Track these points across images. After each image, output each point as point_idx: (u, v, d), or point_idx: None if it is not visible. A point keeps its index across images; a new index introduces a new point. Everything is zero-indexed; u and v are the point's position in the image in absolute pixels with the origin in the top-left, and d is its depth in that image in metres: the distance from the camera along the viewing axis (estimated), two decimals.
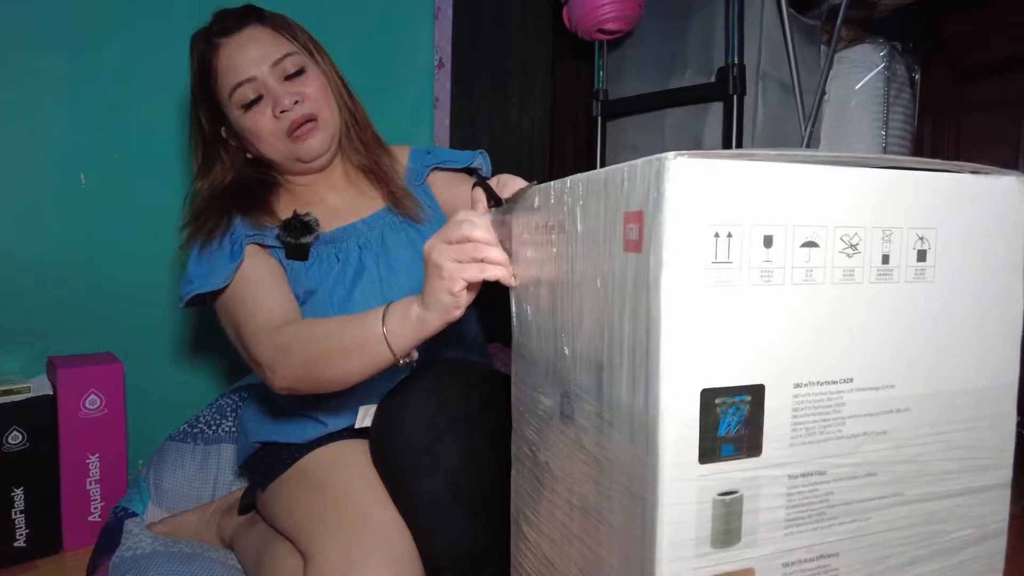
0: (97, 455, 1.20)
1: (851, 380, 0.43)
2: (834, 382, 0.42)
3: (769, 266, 0.40)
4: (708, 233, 0.38)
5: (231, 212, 0.92)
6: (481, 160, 1.07)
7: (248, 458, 1.03)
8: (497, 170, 1.11)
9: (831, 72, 1.58)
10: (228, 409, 1.29)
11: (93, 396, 1.19)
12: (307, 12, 1.49)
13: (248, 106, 0.92)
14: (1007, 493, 0.48)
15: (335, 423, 0.93)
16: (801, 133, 1.50)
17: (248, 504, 1.00)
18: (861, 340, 0.43)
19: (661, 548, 0.39)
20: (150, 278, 1.34)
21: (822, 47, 1.65)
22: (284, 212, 0.96)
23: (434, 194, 1.06)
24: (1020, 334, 0.47)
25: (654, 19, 1.63)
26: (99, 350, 1.30)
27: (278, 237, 0.92)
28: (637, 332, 0.40)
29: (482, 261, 0.64)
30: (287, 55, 0.92)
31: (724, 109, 1.46)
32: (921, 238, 0.44)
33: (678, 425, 0.38)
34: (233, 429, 1.26)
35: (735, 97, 1.43)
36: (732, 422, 0.39)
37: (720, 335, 0.39)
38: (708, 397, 0.39)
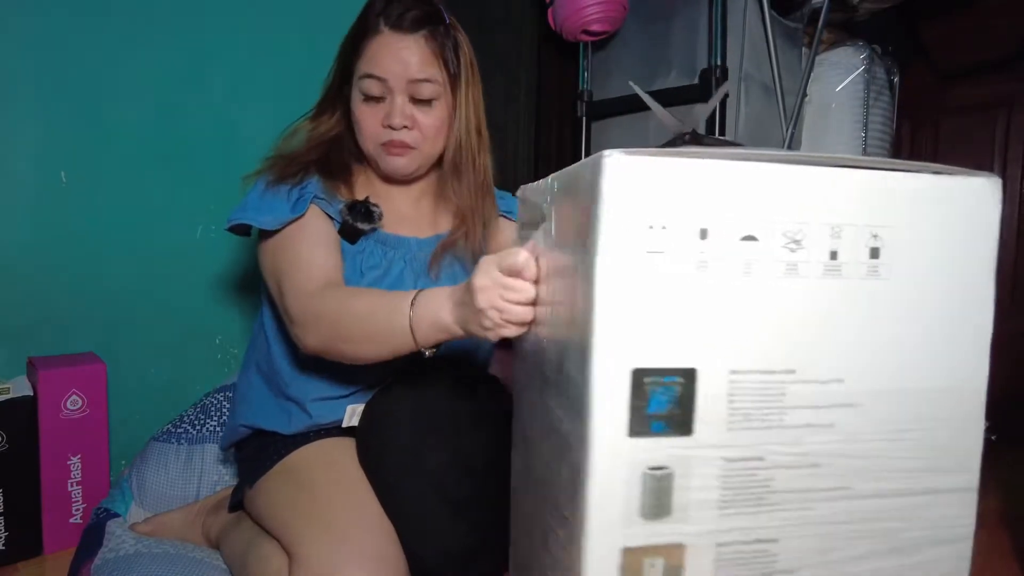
0: (79, 456, 1.19)
1: (793, 371, 0.43)
2: (774, 372, 0.42)
3: (704, 257, 0.41)
4: (642, 225, 0.40)
5: (312, 171, 0.93)
6: None
7: (234, 443, 1.02)
8: None
9: (812, 74, 1.60)
10: (212, 409, 1.28)
11: (74, 396, 1.18)
12: (294, 11, 1.49)
13: (367, 98, 0.92)
14: (973, 497, 0.47)
15: (322, 416, 0.93)
16: (783, 134, 1.52)
17: (238, 501, 1.00)
18: (805, 333, 0.43)
19: (591, 517, 0.41)
20: (132, 277, 1.33)
21: (803, 49, 1.67)
22: (358, 192, 0.97)
23: (492, 237, 1.04)
24: (989, 336, 0.45)
25: (638, 21, 1.64)
26: (81, 350, 1.29)
27: (340, 212, 0.92)
28: (585, 316, 0.42)
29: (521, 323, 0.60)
30: (427, 80, 0.91)
31: None
32: (875, 236, 0.43)
33: (609, 400, 0.40)
34: (217, 429, 1.25)
35: None
36: (663, 401, 0.41)
37: (652, 320, 0.40)
38: (638, 376, 0.40)
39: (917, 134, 2.12)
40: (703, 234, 0.40)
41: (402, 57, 0.90)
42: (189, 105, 1.38)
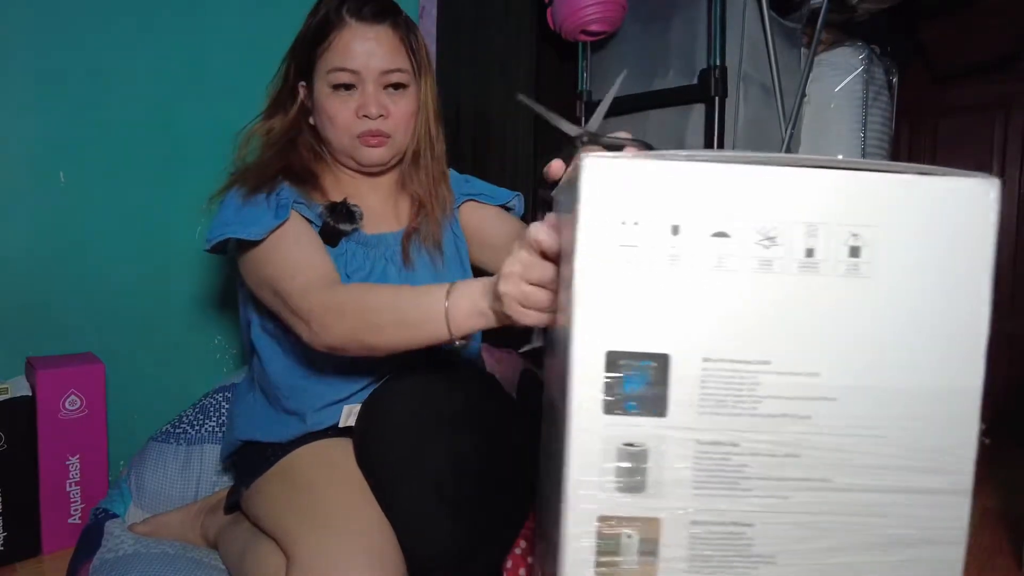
0: (77, 456, 1.19)
1: (768, 362, 0.44)
2: (748, 362, 0.44)
3: (676, 251, 0.43)
4: (616, 221, 0.43)
5: (279, 178, 0.92)
6: (516, 202, 1.09)
7: (231, 455, 1.03)
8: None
9: (811, 75, 1.61)
10: (211, 409, 1.28)
11: (73, 397, 1.18)
12: (289, 11, 1.49)
13: (337, 88, 0.92)
14: (965, 501, 0.46)
15: (319, 423, 0.93)
16: (782, 135, 1.52)
17: (234, 502, 1.00)
18: (780, 326, 0.44)
19: (570, 484, 0.44)
20: (131, 277, 1.33)
21: (802, 50, 1.67)
22: (329, 194, 0.96)
23: (462, 222, 1.06)
24: (985, 339, 0.45)
25: (637, 21, 1.64)
26: (79, 350, 1.29)
27: (320, 215, 0.92)
28: (569, 301, 0.46)
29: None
30: (398, 69, 0.93)
31: (706, 111, 1.47)
32: (855, 235, 0.44)
33: (587, 379, 0.44)
34: (216, 429, 1.25)
35: (717, 99, 1.44)
36: (637, 382, 0.44)
37: (627, 307, 0.44)
38: (613, 358, 0.44)
39: (916, 134, 2.12)
40: (675, 230, 0.43)
41: (373, 46, 0.91)
42: (188, 105, 1.38)
